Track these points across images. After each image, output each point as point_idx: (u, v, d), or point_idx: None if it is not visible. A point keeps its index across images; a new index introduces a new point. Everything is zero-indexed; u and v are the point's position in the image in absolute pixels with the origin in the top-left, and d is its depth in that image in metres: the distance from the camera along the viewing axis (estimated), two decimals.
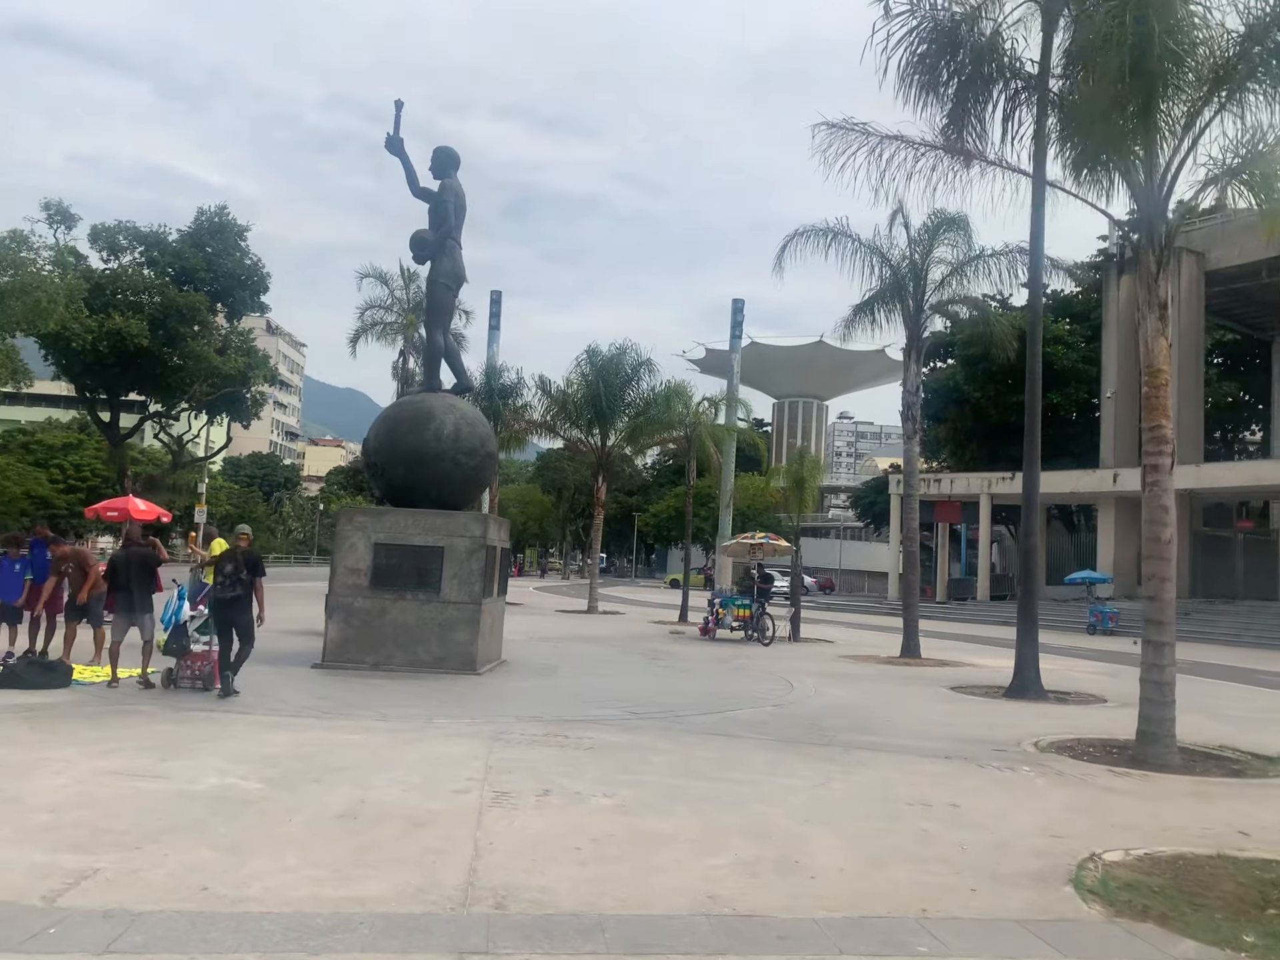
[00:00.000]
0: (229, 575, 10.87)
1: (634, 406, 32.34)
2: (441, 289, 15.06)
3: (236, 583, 10.86)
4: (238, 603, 10.90)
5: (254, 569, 11.14)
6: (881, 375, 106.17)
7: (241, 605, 10.93)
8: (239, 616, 10.90)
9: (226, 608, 10.89)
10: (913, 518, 21.34)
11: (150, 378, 34.39)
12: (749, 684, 14.32)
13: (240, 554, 11.15)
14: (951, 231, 20.76)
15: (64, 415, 79.55)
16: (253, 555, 11.44)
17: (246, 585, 10.94)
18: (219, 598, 10.96)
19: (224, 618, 10.91)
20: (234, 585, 10.85)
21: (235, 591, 10.85)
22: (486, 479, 15.55)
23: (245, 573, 10.95)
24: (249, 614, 11.02)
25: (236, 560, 11.01)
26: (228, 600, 10.86)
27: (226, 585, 10.85)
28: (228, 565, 10.97)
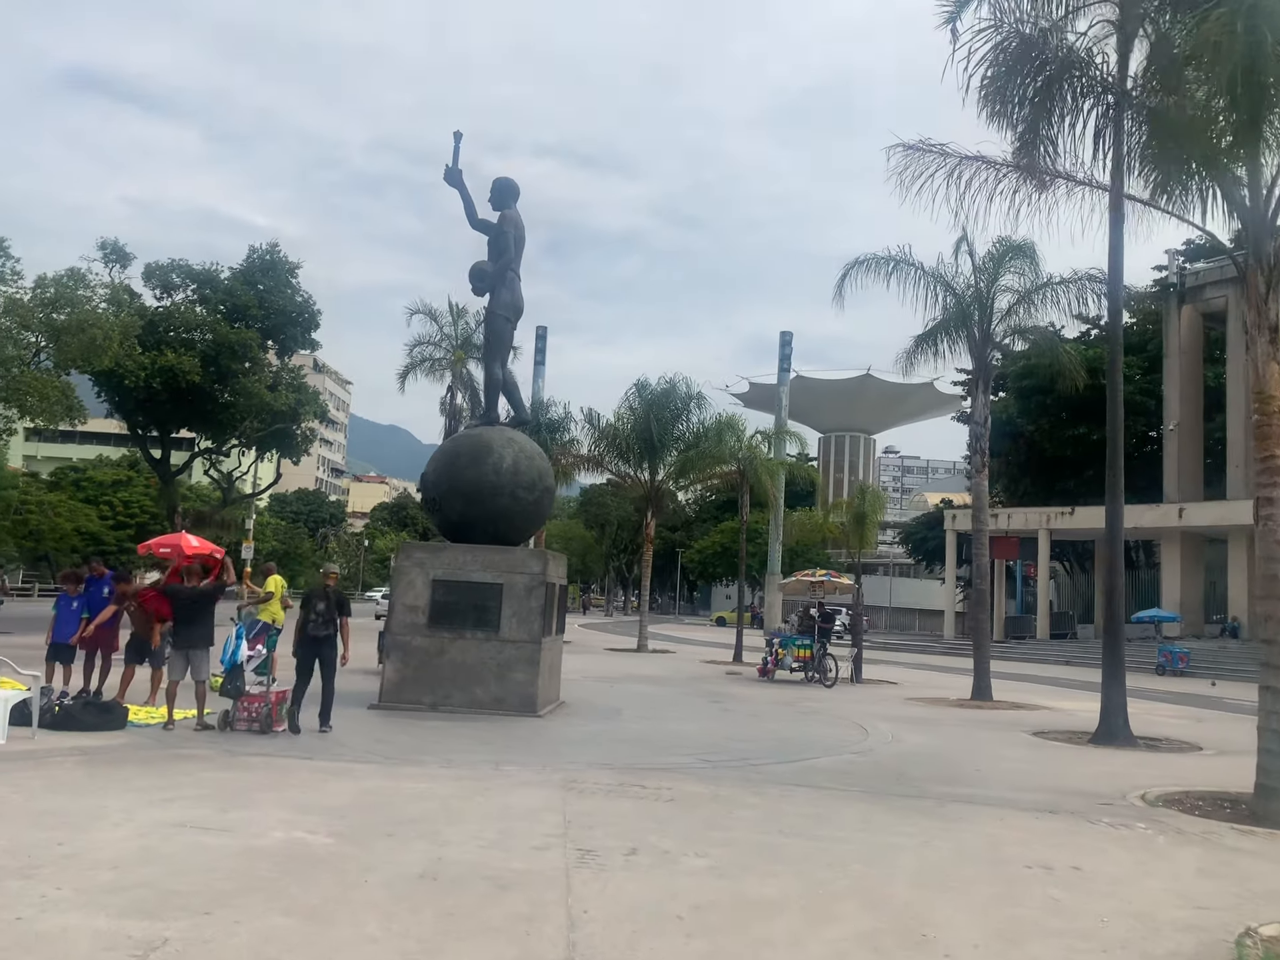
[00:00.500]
0: (321, 614, 10.97)
1: (684, 440, 31.98)
2: (500, 321, 14.78)
3: (330, 621, 11.01)
4: (330, 641, 11.07)
5: (342, 608, 11.24)
6: (930, 408, 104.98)
7: (332, 643, 11.11)
8: (328, 653, 11.06)
9: (318, 645, 11.02)
10: (983, 554, 20.61)
11: (201, 414, 34.57)
12: (821, 729, 13.69)
13: (331, 593, 11.27)
14: (1018, 259, 20.23)
15: (114, 453, 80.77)
16: (341, 594, 11.50)
17: (334, 624, 11.09)
18: (312, 635, 11.04)
19: (312, 654, 11.03)
20: (327, 624, 10.99)
21: (328, 630, 11.02)
22: (545, 513, 15.17)
23: (336, 611, 11.09)
24: (336, 652, 11.19)
25: (328, 599, 11.13)
26: (320, 638, 11.01)
27: (319, 623, 10.96)
28: (319, 603, 11.04)
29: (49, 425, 29.52)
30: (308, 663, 11.09)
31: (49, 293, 26.22)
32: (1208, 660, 34.17)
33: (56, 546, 60.89)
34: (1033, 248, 20.18)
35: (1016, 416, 56.65)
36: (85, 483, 70.03)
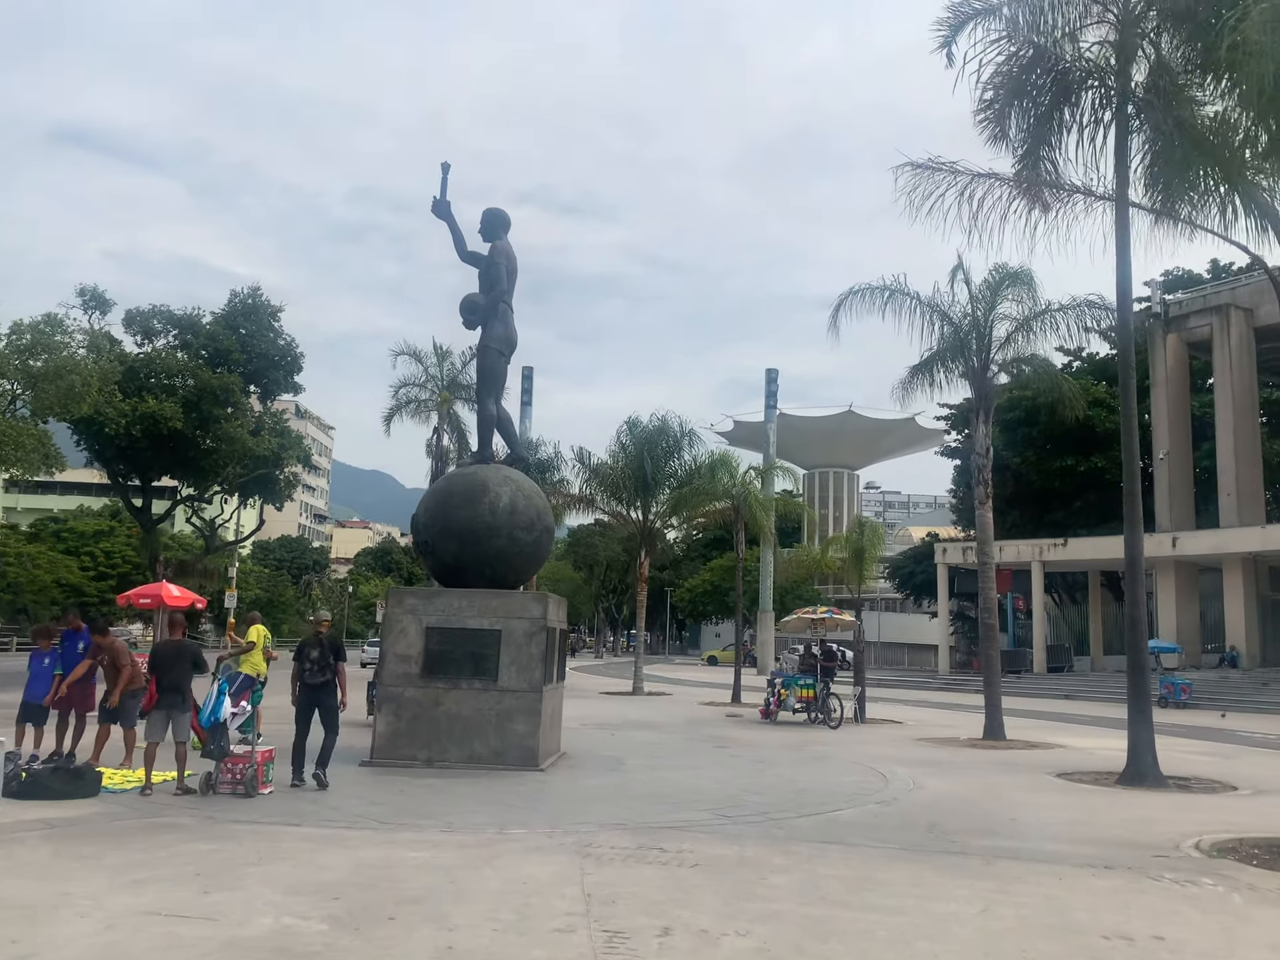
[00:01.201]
0: (315, 661, 10.74)
1: (676, 477, 31.45)
2: (493, 355, 14.23)
3: (325, 668, 10.74)
4: (327, 688, 10.80)
5: (337, 654, 10.94)
6: (912, 443, 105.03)
7: (330, 690, 10.83)
8: (328, 700, 10.79)
9: (316, 692, 10.78)
10: (990, 587, 20.07)
11: (183, 461, 33.81)
12: (836, 776, 13.01)
13: (325, 639, 10.99)
14: (1015, 286, 19.89)
15: (95, 502, 79.61)
16: (336, 640, 11.18)
17: (330, 671, 10.81)
18: (308, 683, 10.83)
19: (311, 703, 10.80)
20: (323, 670, 10.73)
21: (324, 677, 10.75)
22: (544, 555, 14.52)
23: (331, 658, 10.82)
24: (335, 699, 10.88)
25: (322, 645, 10.89)
26: (317, 686, 10.78)
27: (314, 670, 10.74)
28: (313, 651, 10.82)
29: (26, 476, 28.73)
30: (306, 713, 10.82)
31: (25, 339, 25.58)
32: (1210, 691, 33.62)
33: (36, 599, 59.63)
34: (1030, 275, 19.88)
35: (1002, 449, 56.36)
36: (66, 533, 68.87)
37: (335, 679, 10.82)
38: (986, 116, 15.59)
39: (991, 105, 15.55)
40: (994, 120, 15.50)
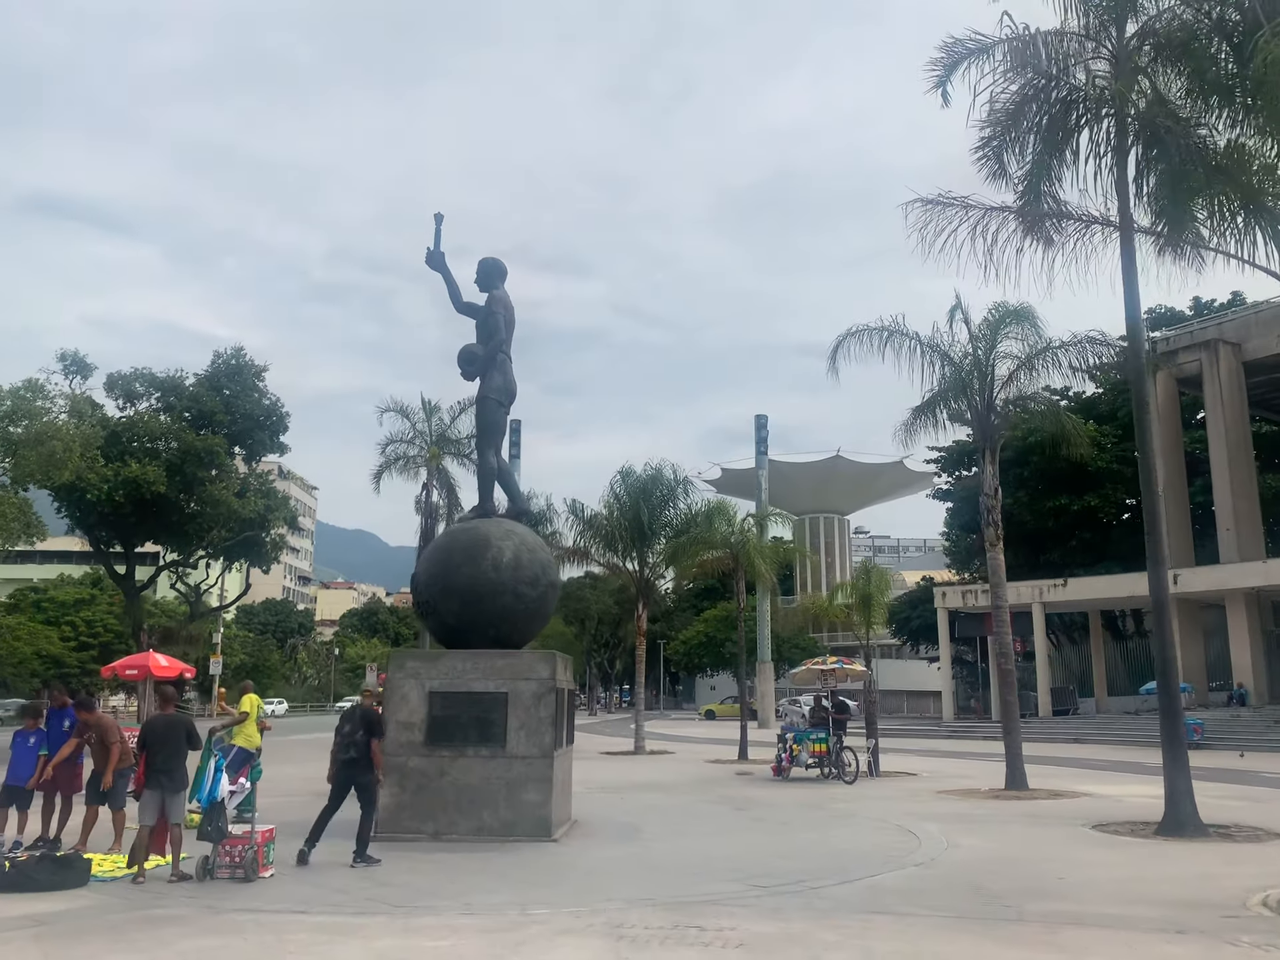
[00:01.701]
0: (346, 735, 10.35)
1: (672, 526, 30.99)
2: (493, 405, 13.82)
3: (352, 744, 10.29)
4: (356, 764, 10.34)
5: (369, 728, 10.47)
6: (901, 487, 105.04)
7: (362, 766, 10.37)
8: (360, 777, 10.36)
9: (347, 768, 10.38)
10: (1005, 631, 19.59)
11: (167, 525, 33.14)
12: (865, 836, 12.41)
13: (359, 713, 10.60)
14: (1016, 324, 19.69)
15: (76, 571, 78.32)
16: (372, 715, 10.72)
17: (362, 746, 10.32)
18: (342, 759, 10.41)
19: (345, 780, 10.42)
20: (349, 746, 10.31)
21: (350, 754, 10.31)
22: (549, 611, 13.98)
23: (361, 733, 10.34)
24: (369, 775, 10.43)
25: (354, 719, 10.48)
26: (347, 761, 10.36)
27: (343, 745, 10.34)
28: (345, 725, 10.46)
29: (5, 546, 28.02)
30: (339, 789, 10.47)
31: (4, 405, 25.03)
32: (1222, 730, 33.08)
33: (15, 672, 58.30)
34: (1031, 312, 19.69)
35: None
36: (46, 603, 67.56)
37: (365, 755, 10.33)
38: (985, 154, 15.48)
39: (989, 143, 15.47)
40: (993, 157, 15.39)
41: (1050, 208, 14.45)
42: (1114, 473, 52.68)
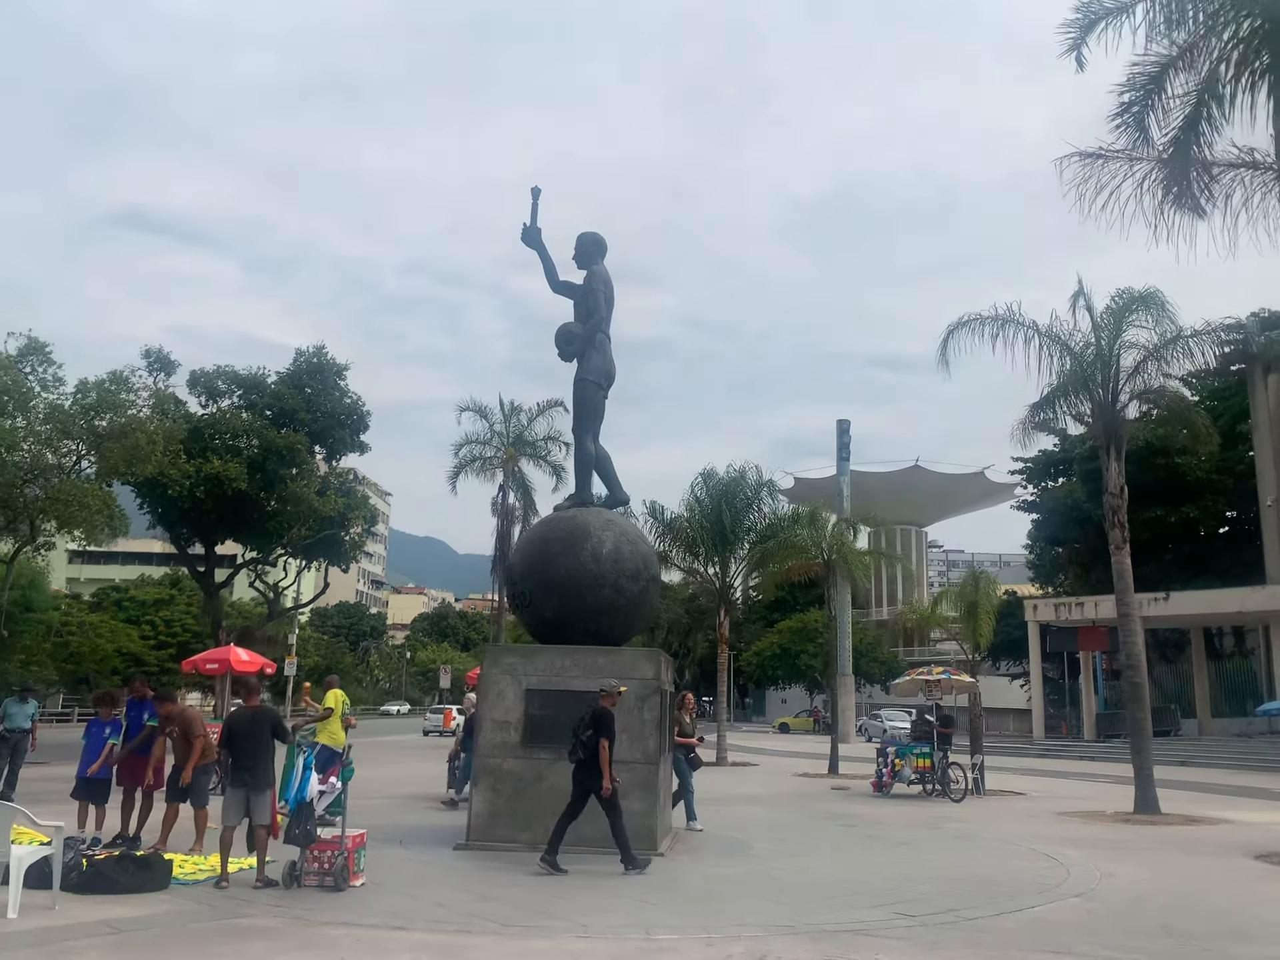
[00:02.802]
0: (577, 735, 9.96)
1: (755, 531, 29.93)
2: (591, 388, 12.97)
3: (581, 745, 9.88)
4: (586, 767, 9.91)
5: (600, 730, 9.89)
6: (981, 499, 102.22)
7: (592, 769, 9.89)
8: (590, 781, 9.91)
9: (579, 771, 10.01)
10: (1135, 641, 18.14)
11: (247, 523, 32.96)
12: (999, 860, 11.24)
13: (591, 713, 10.11)
14: (1143, 311, 18.30)
15: (156, 572, 79.77)
16: (603, 715, 10.06)
17: (591, 748, 9.85)
18: (572, 762, 10.00)
19: (577, 782, 10.05)
20: (578, 748, 9.91)
21: (578, 756, 9.91)
22: (651, 607, 13.08)
23: (591, 733, 9.88)
24: (595, 780, 9.87)
25: (586, 719, 10.08)
26: (578, 764, 9.97)
27: (575, 748, 9.95)
28: (578, 725, 10.08)
29: (89, 540, 28.01)
30: (577, 793, 10.08)
31: (90, 398, 24.97)
32: None
33: (97, 668, 59.25)
34: (1159, 297, 18.27)
35: (1084, 501, 54.27)
36: (127, 602, 68.74)
37: (592, 757, 9.86)
38: (1124, 121, 14.29)
39: (1129, 109, 14.26)
40: (1133, 124, 14.19)
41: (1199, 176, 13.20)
42: (1214, 483, 50.15)
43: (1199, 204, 13.36)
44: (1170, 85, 13.79)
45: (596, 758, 9.81)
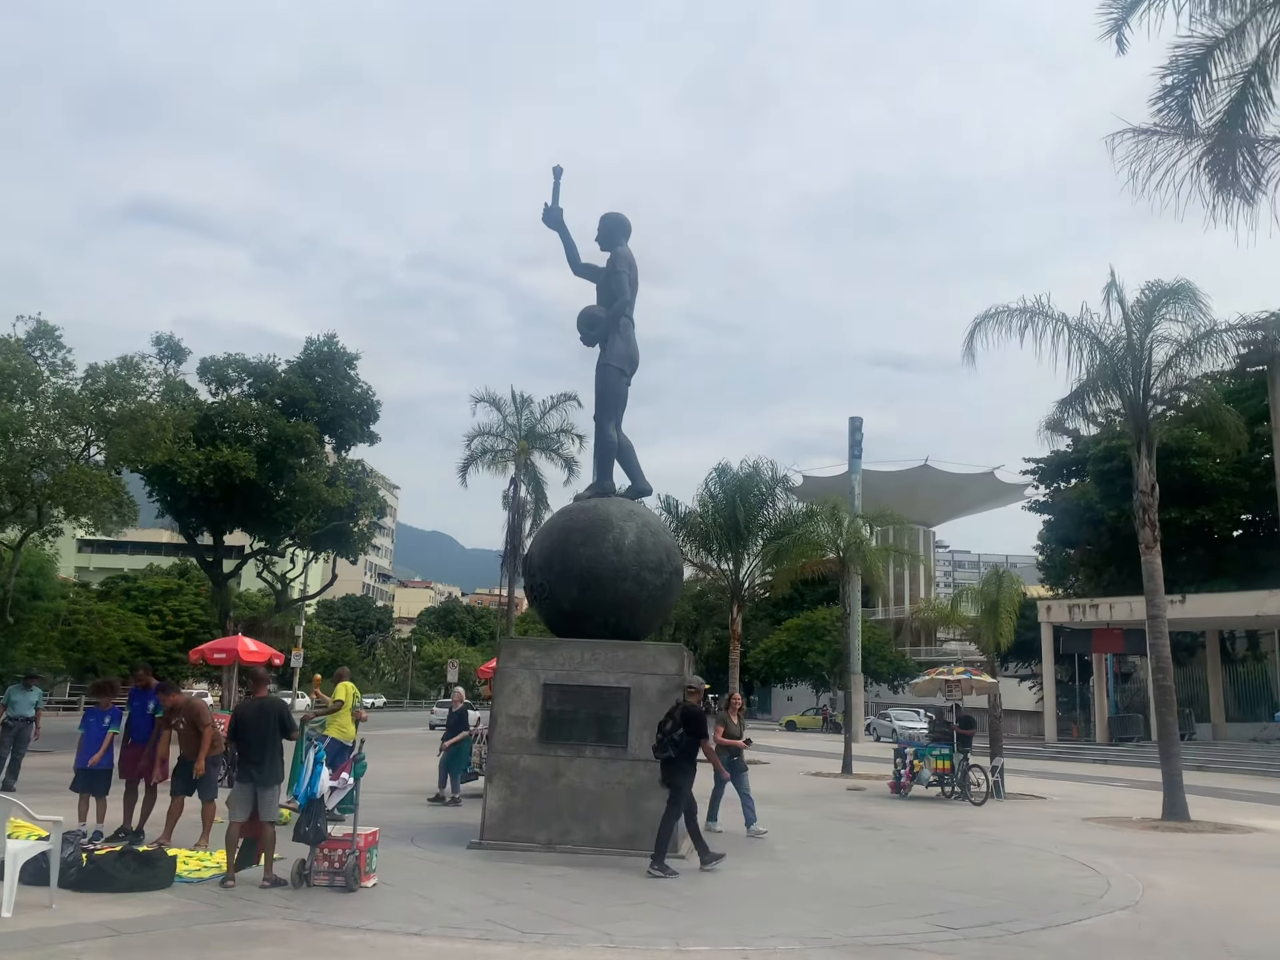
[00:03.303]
0: (666, 733, 9.81)
1: (770, 527, 29.52)
2: (614, 374, 12.55)
3: (670, 743, 9.73)
4: (674, 764, 9.76)
5: (692, 728, 9.79)
6: (989, 499, 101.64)
7: (678, 767, 9.76)
8: (674, 778, 9.77)
9: (665, 767, 9.84)
10: (1163, 644, 17.66)
11: (256, 512, 32.60)
12: (1035, 869, 10.81)
13: (680, 710, 9.99)
14: (1174, 304, 17.82)
15: (165, 562, 79.61)
16: (694, 712, 9.99)
17: (682, 746, 9.72)
18: (658, 758, 9.85)
19: (665, 778, 9.87)
20: (667, 745, 9.75)
21: (668, 752, 9.75)
22: (673, 601, 12.68)
23: (681, 731, 9.75)
24: (683, 777, 9.79)
25: (674, 717, 9.95)
26: (665, 761, 9.81)
27: (661, 744, 9.83)
28: (666, 722, 9.95)
29: (97, 527, 27.69)
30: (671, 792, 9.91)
31: (100, 383, 24.60)
32: None
33: (105, 657, 59.02)
34: (1191, 290, 17.79)
35: (1097, 502, 53.75)
36: (135, 592, 68.55)
37: (684, 756, 9.73)
38: (1167, 105, 13.82)
39: (1172, 92, 13.79)
40: (1176, 108, 13.72)
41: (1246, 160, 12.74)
42: (1229, 485, 49.58)
43: (1247, 189, 12.91)
44: (1215, 68, 13.36)
45: (687, 756, 9.79)
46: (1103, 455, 52.60)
